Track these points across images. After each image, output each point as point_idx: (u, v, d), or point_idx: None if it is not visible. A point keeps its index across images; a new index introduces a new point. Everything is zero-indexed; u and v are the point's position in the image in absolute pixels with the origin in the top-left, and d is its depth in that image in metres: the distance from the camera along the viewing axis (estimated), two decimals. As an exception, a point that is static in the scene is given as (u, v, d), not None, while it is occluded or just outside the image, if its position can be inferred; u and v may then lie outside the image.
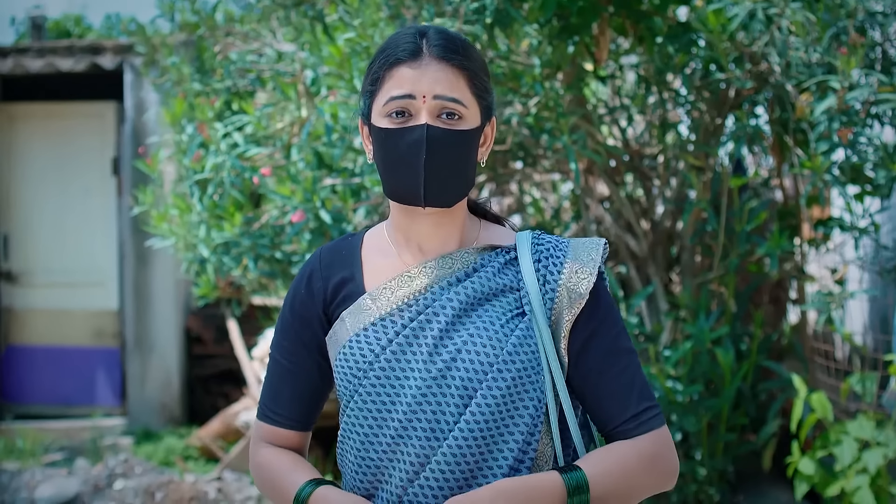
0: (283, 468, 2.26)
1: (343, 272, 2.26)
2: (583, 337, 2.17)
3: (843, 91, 4.20)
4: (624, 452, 2.14)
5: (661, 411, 2.20)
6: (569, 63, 5.14)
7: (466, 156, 2.16)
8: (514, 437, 2.12)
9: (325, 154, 5.22)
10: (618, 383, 2.17)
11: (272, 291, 6.77)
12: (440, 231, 2.22)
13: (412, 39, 2.16)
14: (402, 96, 2.13)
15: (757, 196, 5.82)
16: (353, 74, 4.86)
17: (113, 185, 9.86)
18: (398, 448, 2.14)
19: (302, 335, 2.28)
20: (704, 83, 5.22)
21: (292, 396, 2.30)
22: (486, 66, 2.22)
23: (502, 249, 2.24)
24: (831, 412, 4.61)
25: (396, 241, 2.26)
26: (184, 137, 5.81)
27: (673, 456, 2.19)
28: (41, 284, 9.92)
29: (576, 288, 2.17)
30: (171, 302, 9.65)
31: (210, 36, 6.04)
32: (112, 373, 9.86)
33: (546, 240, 2.24)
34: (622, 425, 2.16)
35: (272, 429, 2.32)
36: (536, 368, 2.15)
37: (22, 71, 9.49)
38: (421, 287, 2.19)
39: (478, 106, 2.17)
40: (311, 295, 2.27)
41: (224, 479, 6.88)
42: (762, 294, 6.00)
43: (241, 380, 9.39)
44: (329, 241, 2.38)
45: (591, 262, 2.19)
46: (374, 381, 2.16)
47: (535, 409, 2.14)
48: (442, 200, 2.16)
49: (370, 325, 2.19)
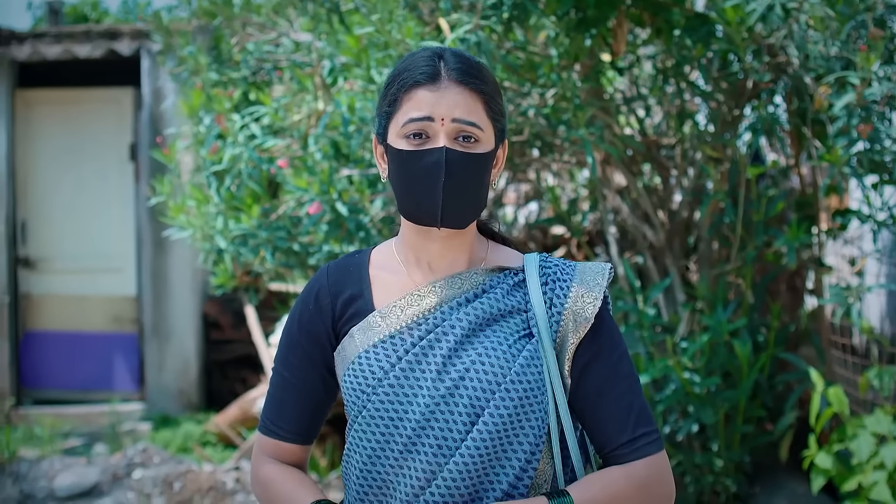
0: (287, 487, 2.30)
1: (352, 289, 2.29)
2: (584, 360, 2.22)
3: (861, 86, 4.18)
4: (615, 479, 2.18)
5: (660, 436, 2.23)
6: (586, 55, 5.12)
7: (481, 178, 2.19)
8: (517, 454, 2.16)
9: (342, 144, 5.22)
10: (616, 407, 2.20)
11: (289, 279, 6.78)
12: (450, 251, 2.25)
13: (430, 62, 2.18)
14: (421, 118, 2.15)
15: (775, 185, 5.80)
16: (371, 65, 4.85)
17: (130, 172, 9.87)
18: (405, 464, 2.17)
19: (309, 350, 2.31)
20: (722, 74, 5.19)
21: (296, 411, 2.33)
22: (499, 89, 2.24)
23: (511, 271, 2.28)
24: (847, 407, 4.60)
25: (406, 260, 2.28)
26: (201, 128, 5.82)
27: (668, 482, 2.22)
28: (59, 270, 9.94)
29: (582, 312, 2.21)
30: (189, 287, 9.67)
31: (227, 26, 6.03)
32: (130, 358, 9.90)
33: (553, 263, 2.28)
34: (617, 449, 2.20)
35: (275, 443, 2.35)
36: (541, 389, 2.19)
37: (39, 57, 9.49)
38: (430, 306, 2.22)
39: (493, 129, 2.20)
40: (319, 311, 2.29)
41: (241, 469, 6.91)
42: (779, 283, 5.98)
43: (258, 365, 9.42)
44: (334, 260, 2.39)
45: (598, 287, 2.23)
46: (382, 397, 2.19)
47: (539, 429, 2.18)
48: (458, 222, 2.18)
49: (379, 342, 2.22)
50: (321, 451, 7.57)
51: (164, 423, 9.14)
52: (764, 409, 5.45)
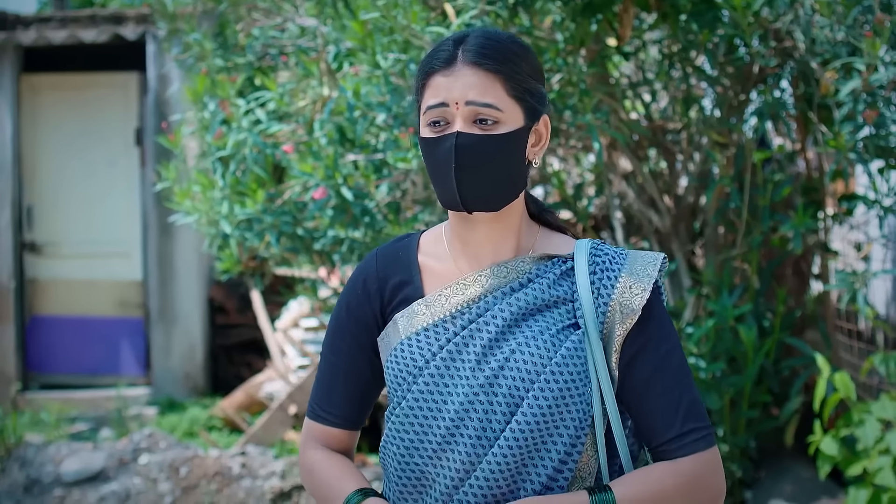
0: (332, 474, 2.28)
1: (401, 275, 2.28)
2: (631, 352, 2.16)
3: (867, 72, 4.17)
4: (660, 475, 2.12)
5: (712, 433, 2.16)
6: (592, 39, 5.11)
7: (505, 159, 2.14)
8: (556, 446, 2.12)
9: (348, 129, 5.22)
10: (663, 401, 2.14)
11: (295, 264, 6.79)
12: (494, 237, 2.22)
13: (448, 47, 2.16)
14: (437, 105, 2.14)
15: (781, 169, 5.79)
16: (376, 50, 4.85)
17: (136, 156, 9.88)
18: (443, 455, 2.15)
19: (358, 336, 2.30)
20: (728, 59, 5.18)
21: (344, 396, 2.32)
22: (530, 66, 2.18)
23: (559, 259, 2.23)
24: (854, 392, 4.60)
25: (453, 247, 2.26)
26: (206, 114, 5.81)
27: (718, 481, 2.16)
28: (65, 255, 9.96)
29: (628, 303, 2.15)
30: (195, 272, 9.69)
31: (232, 11, 6.03)
32: (136, 343, 9.92)
33: (604, 251, 2.22)
34: (664, 445, 2.14)
35: (323, 428, 2.34)
36: (584, 381, 2.14)
37: (44, 42, 9.49)
38: (475, 296, 2.19)
39: (519, 108, 2.15)
40: (367, 296, 2.29)
41: (248, 454, 6.93)
42: (785, 268, 5.97)
43: (264, 349, 9.44)
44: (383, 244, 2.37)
45: (647, 278, 2.17)
46: (422, 386, 2.17)
47: (580, 422, 2.14)
48: (484, 205, 2.16)
49: (422, 329, 2.20)
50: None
51: (171, 408, 9.17)
52: (769, 394, 5.46)
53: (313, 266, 6.41)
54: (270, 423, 7.63)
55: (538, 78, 2.20)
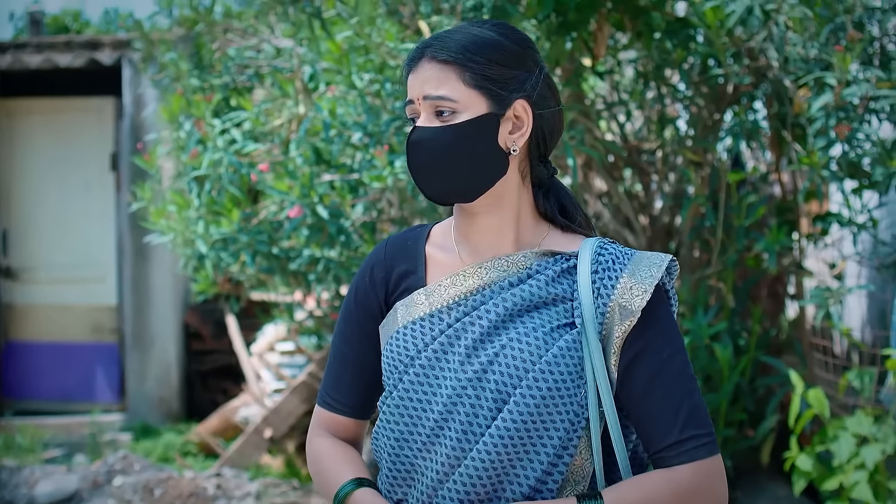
0: (333, 462, 2.28)
1: (407, 264, 2.27)
2: (631, 355, 2.10)
3: (839, 87, 4.20)
4: (655, 483, 2.07)
5: (714, 441, 2.09)
6: (567, 58, 5.13)
7: (465, 148, 2.12)
8: (545, 448, 2.08)
9: (324, 150, 5.22)
10: (662, 406, 2.08)
11: (271, 287, 6.78)
12: (491, 230, 2.20)
13: (419, 46, 2.18)
14: (407, 103, 2.17)
15: (755, 191, 5.82)
16: (352, 70, 4.86)
17: (112, 181, 9.86)
18: (432, 447, 2.13)
19: (364, 324, 2.29)
20: (703, 78, 5.21)
21: (352, 384, 2.31)
22: (500, 52, 2.14)
23: (562, 256, 2.19)
24: (828, 408, 4.61)
25: (457, 239, 2.24)
26: (181, 134, 5.81)
27: (719, 490, 2.09)
28: (41, 280, 9.92)
29: (627, 305, 2.09)
30: (170, 297, 9.66)
31: (208, 32, 6.03)
32: (111, 368, 9.87)
33: (609, 251, 2.16)
34: (662, 451, 2.08)
35: (331, 415, 2.34)
36: (577, 381, 2.10)
37: (21, 66, 9.48)
38: (472, 288, 2.17)
39: (480, 96, 2.12)
40: (373, 284, 2.28)
41: (223, 476, 6.89)
42: (760, 288, 5.99)
43: (239, 375, 9.40)
44: (397, 233, 2.37)
45: (649, 279, 2.10)
46: (413, 377, 2.16)
47: (571, 423, 2.09)
48: (451, 196, 2.17)
49: (418, 319, 2.18)
50: (303, 460, 7.56)
51: (145, 434, 9.11)
52: (745, 412, 5.46)
53: (289, 289, 6.40)
54: (246, 447, 7.59)
55: (510, 63, 2.14)
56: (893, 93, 4.14)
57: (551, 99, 2.20)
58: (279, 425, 7.52)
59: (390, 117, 4.89)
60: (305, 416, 7.48)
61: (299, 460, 7.55)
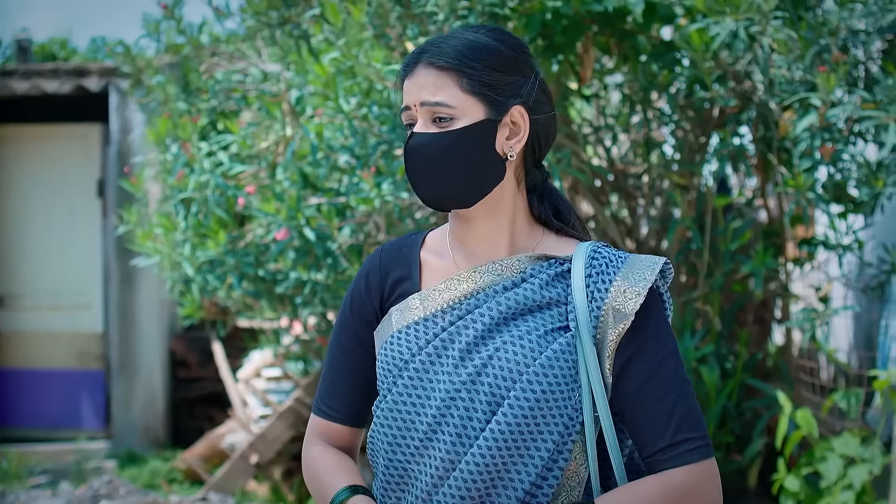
0: (328, 469, 2.27)
1: (401, 270, 2.27)
2: (624, 358, 2.11)
3: (824, 108, 4.22)
4: (649, 488, 2.06)
5: (708, 444, 2.09)
6: (553, 82, 5.15)
7: (463, 154, 2.13)
8: (540, 452, 2.08)
9: (311, 174, 5.22)
10: (656, 409, 2.08)
11: (257, 312, 6.76)
12: (486, 235, 2.20)
13: (416, 52, 2.18)
14: (403, 109, 2.18)
15: (741, 216, 5.83)
16: (339, 94, 4.86)
17: (98, 207, 9.84)
18: (426, 451, 2.13)
19: (359, 330, 2.29)
20: (688, 102, 5.23)
21: (347, 391, 2.31)
22: (497, 58, 2.15)
23: (556, 260, 2.19)
24: (816, 428, 4.61)
25: (452, 245, 2.25)
26: (168, 156, 5.81)
27: (712, 493, 2.08)
28: (26, 307, 9.89)
29: (621, 308, 2.09)
30: (156, 324, 9.64)
31: (195, 56, 6.04)
32: (96, 396, 9.83)
33: (603, 254, 2.17)
34: (655, 455, 2.08)
35: (326, 423, 2.33)
36: (571, 385, 2.10)
37: (8, 92, 9.48)
38: (467, 292, 2.17)
39: (478, 102, 2.13)
40: (368, 290, 2.29)
41: (209, 500, 6.86)
42: (747, 314, 6.00)
43: (225, 403, 9.38)
44: (392, 240, 2.37)
45: (643, 282, 2.11)
46: (406, 381, 2.16)
47: (566, 427, 2.09)
48: (450, 202, 2.18)
49: (413, 323, 2.19)
50: (289, 486, 7.53)
51: (131, 461, 9.06)
52: (732, 436, 5.45)
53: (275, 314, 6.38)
54: (232, 473, 7.55)
55: (506, 69, 2.15)
56: (878, 114, 4.16)
57: (546, 104, 2.21)
58: (265, 451, 7.49)
59: (377, 140, 4.90)
60: (292, 441, 7.45)
61: (285, 486, 7.51)
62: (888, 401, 4.52)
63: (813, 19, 4.44)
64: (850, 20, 4.41)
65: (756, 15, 4.38)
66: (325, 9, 4.73)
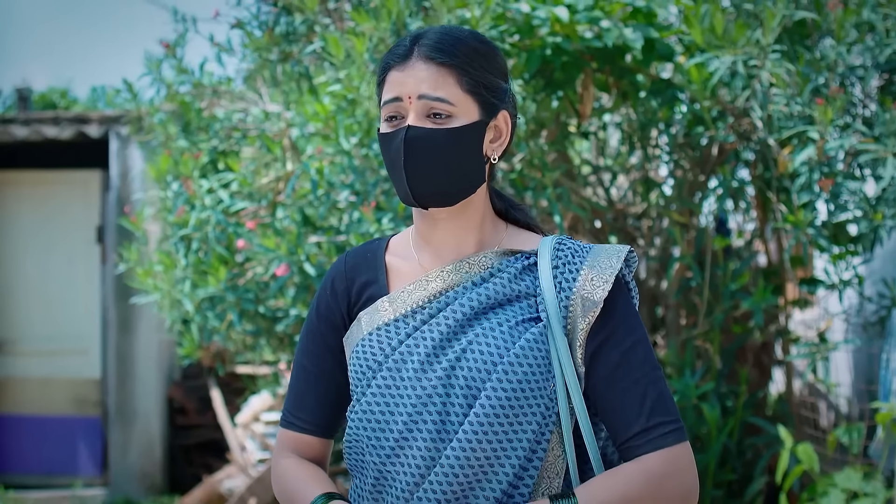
0: (299, 480, 2.25)
1: (367, 275, 2.27)
2: (594, 346, 2.11)
3: (822, 141, 4.24)
4: (628, 474, 2.07)
5: (682, 428, 2.10)
6: (553, 120, 5.18)
7: (457, 153, 2.14)
8: (521, 443, 2.08)
9: (312, 215, 5.23)
10: (628, 396, 2.09)
11: (256, 355, 6.74)
12: (456, 234, 2.21)
13: (406, 43, 2.18)
14: (392, 100, 2.16)
15: (739, 258, 5.84)
16: (339, 133, 4.89)
17: (97, 253, 9.84)
18: (402, 451, 2.11)
19: (327, 338, 2.29)
20: (687, 140, 5.26)
21: (316, 401, 2.29)
22: (490, 61, 2.19)
23: (522, 254, 2.21)
24: (817, 463, 4.60)
25: (417, 245, 2.26)
26: (169, 193, 5.82)
27: (688, 477, 2.09)
28: (24, 353, 9.86)
29: (589, 296, 2.10)
30: (154, 370, 9.60)
31: (196, 95, 6.07)
32: (93, 442, 9.78)
33: (568, 245, 2.18)
34: (629, 441, 2.08)
35: (295, 435, 2.30)
36: (546, 375, 2.10)
37: (8, 138, 9.51)
38: (436, 291, 2.18)
39: (474, 102, 2.15)
40: (335, 297, 2.28)
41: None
42: (747, 354, 6.00)
43: (223, 450, 9.33)
44: (355, 246, 2.37)
45: (609, 270, 2.12)
46: (381, 381, 2.15)
47: (543, 417, 2.10)
48: (439, 200, 2.16)
49: (383, 325, 2.18)
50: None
51: (128, 507, 9.02)
52: (733, 474, 5.43)
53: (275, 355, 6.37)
54: (230, 517, 7.50)
55: (497, 74, 2.20)
56: (877, 147, 4.19)
57: (515, 111, 2.27)
58: (263, 494, 7.44)
59: (377, 178, 4.91)
60: (290, 485, 7.40)
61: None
62: (890, 434, 4.51)
63: (810, 55, 4.48)
64: (848, 56, 4.45)
65: (755, 49, 4.42)
66: (328, 42, 4.76)
